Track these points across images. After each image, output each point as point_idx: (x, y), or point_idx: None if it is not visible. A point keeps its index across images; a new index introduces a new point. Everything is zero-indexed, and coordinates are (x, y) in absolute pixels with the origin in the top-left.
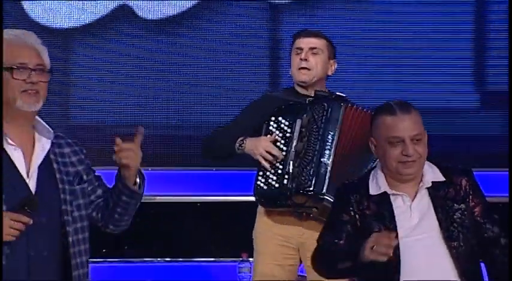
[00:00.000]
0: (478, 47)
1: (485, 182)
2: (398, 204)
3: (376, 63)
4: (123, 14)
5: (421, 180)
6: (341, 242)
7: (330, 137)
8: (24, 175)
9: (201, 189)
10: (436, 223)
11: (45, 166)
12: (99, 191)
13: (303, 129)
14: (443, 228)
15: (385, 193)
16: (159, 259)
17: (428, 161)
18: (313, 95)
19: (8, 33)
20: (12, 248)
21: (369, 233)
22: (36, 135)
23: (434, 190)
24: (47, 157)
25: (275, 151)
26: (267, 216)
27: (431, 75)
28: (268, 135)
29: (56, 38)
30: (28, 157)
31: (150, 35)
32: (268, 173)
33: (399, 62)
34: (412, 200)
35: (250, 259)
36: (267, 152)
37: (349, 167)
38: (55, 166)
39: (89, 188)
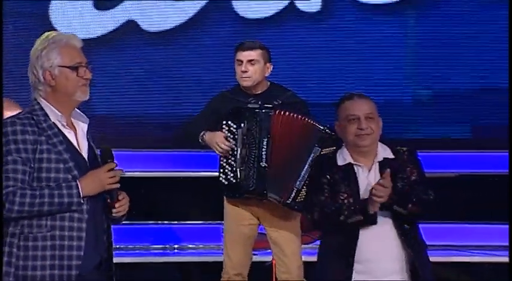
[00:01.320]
0: (412, 55)
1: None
2: (359, 173)
3: (328, 69)
4: (129, 27)
5: (376, 156)
6: (329, 200)
7: (264, 143)
8: (82, 153)
9: (192, 166)
10: None
11: (88, 145)
12: None
13: (245, 138)
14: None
15: (349, 163)
16: (158, 222)
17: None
18: (256, 92)
19: (60, 35)
20: (85, 220)
21: (337, 194)
22: (73, 120)
23: (384, 164)
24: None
25: (225, 145)
26: None
27: (373, 77)
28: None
29: None
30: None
31: (151, 44)
32: (226, 171)
33: (348, 66)
34: (369, 171)
35: None
36: (218, 145)
37: (287, 166)
38: (92, 144)
39: None
